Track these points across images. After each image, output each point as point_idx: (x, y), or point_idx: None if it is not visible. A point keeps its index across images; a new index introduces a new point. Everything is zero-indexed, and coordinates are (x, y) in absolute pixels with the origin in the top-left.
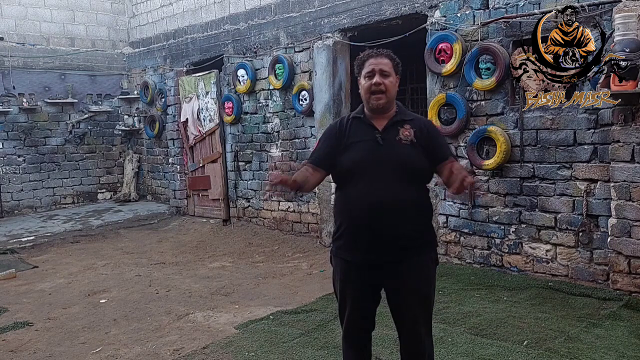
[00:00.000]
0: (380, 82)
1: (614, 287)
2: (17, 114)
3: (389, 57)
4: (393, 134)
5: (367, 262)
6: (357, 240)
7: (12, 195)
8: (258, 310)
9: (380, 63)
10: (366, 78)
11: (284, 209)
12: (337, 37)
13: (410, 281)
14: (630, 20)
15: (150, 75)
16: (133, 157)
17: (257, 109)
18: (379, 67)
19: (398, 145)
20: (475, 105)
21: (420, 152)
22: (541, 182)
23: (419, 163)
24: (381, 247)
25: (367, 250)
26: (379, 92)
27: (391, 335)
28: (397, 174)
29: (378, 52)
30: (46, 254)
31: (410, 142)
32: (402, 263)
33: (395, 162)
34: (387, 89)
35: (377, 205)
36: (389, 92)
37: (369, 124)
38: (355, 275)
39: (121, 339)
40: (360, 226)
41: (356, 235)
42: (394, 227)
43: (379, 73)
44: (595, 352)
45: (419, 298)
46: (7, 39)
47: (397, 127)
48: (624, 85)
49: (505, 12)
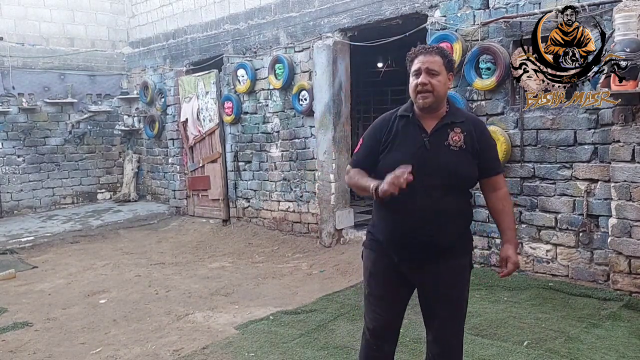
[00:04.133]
0: (427, 81)
1: (614, 288)
2: (16, 114)
3: (441, 54)
4: (442, 138)
5: (406, 261)
6: (398, 242)
7: (12, 195)
8: (258, 310)
9: (428, 61)
10: (413, 76)
11: (284, 209)
12: (337, 37)
13: (446, 283)
14: (630, 20)
15: (150, 75)
16: (133, 157)
17: (257, 109)
18: (426, 65)
19: (446, 151)
20: (475, 105)
21: (469, 158)
22: (541, 182)
23: (466, 171)
24: (421, 251)
25: (409, 253)
26: (424, 92)
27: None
28: (443, 180)
29: (428, 49)
30: (46, 254)
31: (459, 148)
32: (439, 265)
33: (442, 169)
34: (433, 88)
35: (421, 212)
36: (436, 92)
37: (417, 125)
38: (390, 270)
39: (121, 340)
40: (404, 231)
41: (399, 238)
42: (437, 234)
43: (426, 72)
44: (595, 353)
45: (452, 300)
46: (7, 39)
47: (447, 130)
48: (624, 85)
49: (505, 11)
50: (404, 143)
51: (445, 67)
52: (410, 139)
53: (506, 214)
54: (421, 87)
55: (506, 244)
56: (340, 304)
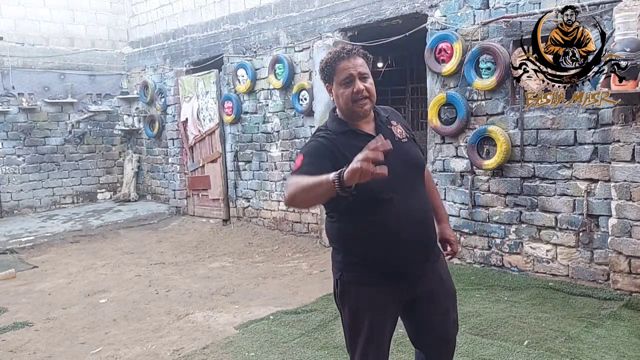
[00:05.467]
0: (363, 87)
1: (615, 287)
2: (16, 113)
3: (362, 55)
4: (390, 136)
5: (408, 275)
6: (395, 256)
7: (12, 195)
8: (258, 310)
9: (357, 65)
10: (343, 85)
11: (284, 209)
12: (337, 37)
13: (443, 281)
14: (630, 19)
15: (150, 75)
16: (133, 157)
17: (257, 109)
18: (357, 70)
19: (401, 145)
20: (475, 105)
21: (416, 145)
22: (541, 182)
23: (422, 157)
24: (418, 259)
25: (410, 262)
26: (364, 98)
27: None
28: (415, 174)
29: (349, 52)
30: (46, 254)
31: (407, 139)
32: (431, 269)
33: (412, 164)
34: (370, 93)
35: (415, 217)
36: (372, 96)
37: (361, 133)
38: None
39: (121, 339)
40: (399, 240)
41: (395, 250)
42: (428, 234)
43: (359, 77)
44: (595, 352)
45: (452, 295)
46: (7, 39)
47: (387, 127)
48: (624, 85)
49: (505, 11)
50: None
51: (369, 67)
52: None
53: (435, 193)
54: (359, 95)
55: (443, 223)
56: None
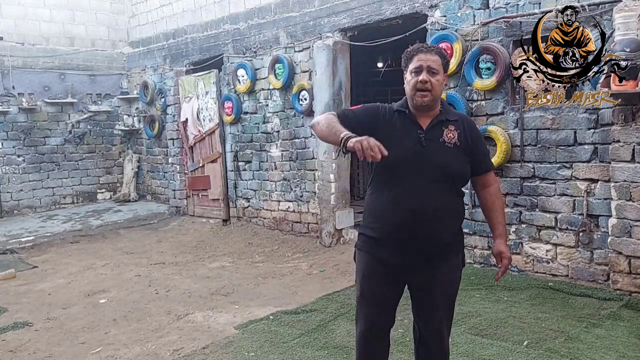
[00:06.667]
0: (427, 79)
1: (614, 287)
2: (16, 113)
3: (439, 53)
4: (437, 135)
5: (399, 262)
6: (392, 241)
7: (12, 195)
8: (258, 310)
9: (429, 59)
10: (413, 74)
11: (284, 209)
12: (337, 37)
13: (440, 282)
14: (630, 19)
15: (150, 75)
16: (133, 157)
17: (257, 109)
18: (427, 63)
19: (441, 148)
20: (475, 105)
21: (462, 156)
22: (541, 182)
23: (461, 168)
24: (416, 250)
25: (402, 252)
26: (424, 90)
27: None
28: (438, 177)
29: (428, 48)
30: (46, 254)
31: (453, 145)
32: (433, 264)
33: (437, 166)
34: (433, 87)
35: (417, 210)
36: (435, 91)
37: (413, 121)
38: (383, 272)
39: (121, 339)
40: (398, 229)
41: (392, 236)
42: (432, 232)
43: (427, 70)
44: (595, 352)
45: (447, 299)
46: (7, 39)
47: (442, 128)
48: (624, 85)
49: (505, 11)
50: (401, 139)
51: (442, 67)
52: (406, 134)
53: (497, 210)
54: (422, 84)
55: (498, 239)
56: (340, 303)
